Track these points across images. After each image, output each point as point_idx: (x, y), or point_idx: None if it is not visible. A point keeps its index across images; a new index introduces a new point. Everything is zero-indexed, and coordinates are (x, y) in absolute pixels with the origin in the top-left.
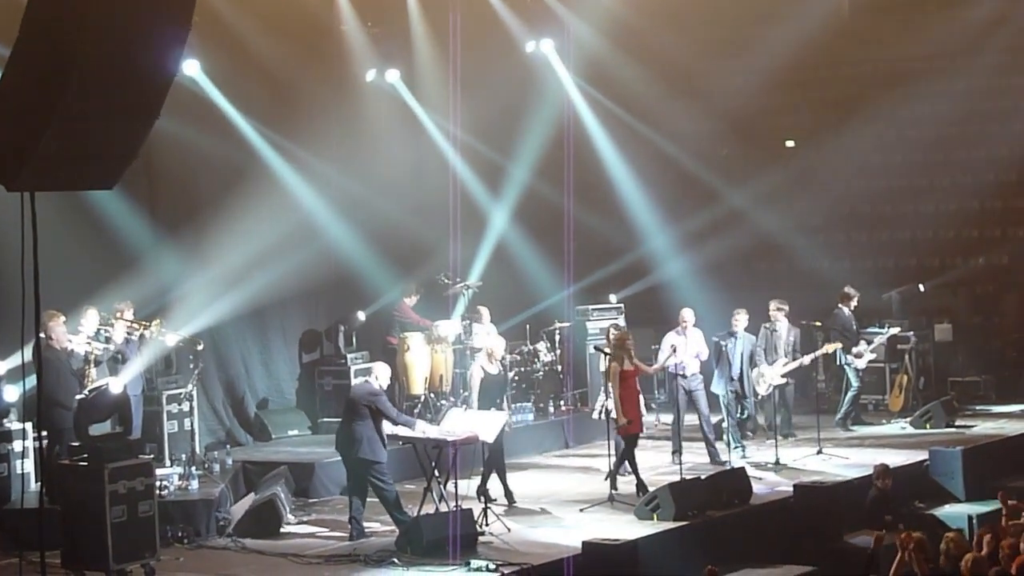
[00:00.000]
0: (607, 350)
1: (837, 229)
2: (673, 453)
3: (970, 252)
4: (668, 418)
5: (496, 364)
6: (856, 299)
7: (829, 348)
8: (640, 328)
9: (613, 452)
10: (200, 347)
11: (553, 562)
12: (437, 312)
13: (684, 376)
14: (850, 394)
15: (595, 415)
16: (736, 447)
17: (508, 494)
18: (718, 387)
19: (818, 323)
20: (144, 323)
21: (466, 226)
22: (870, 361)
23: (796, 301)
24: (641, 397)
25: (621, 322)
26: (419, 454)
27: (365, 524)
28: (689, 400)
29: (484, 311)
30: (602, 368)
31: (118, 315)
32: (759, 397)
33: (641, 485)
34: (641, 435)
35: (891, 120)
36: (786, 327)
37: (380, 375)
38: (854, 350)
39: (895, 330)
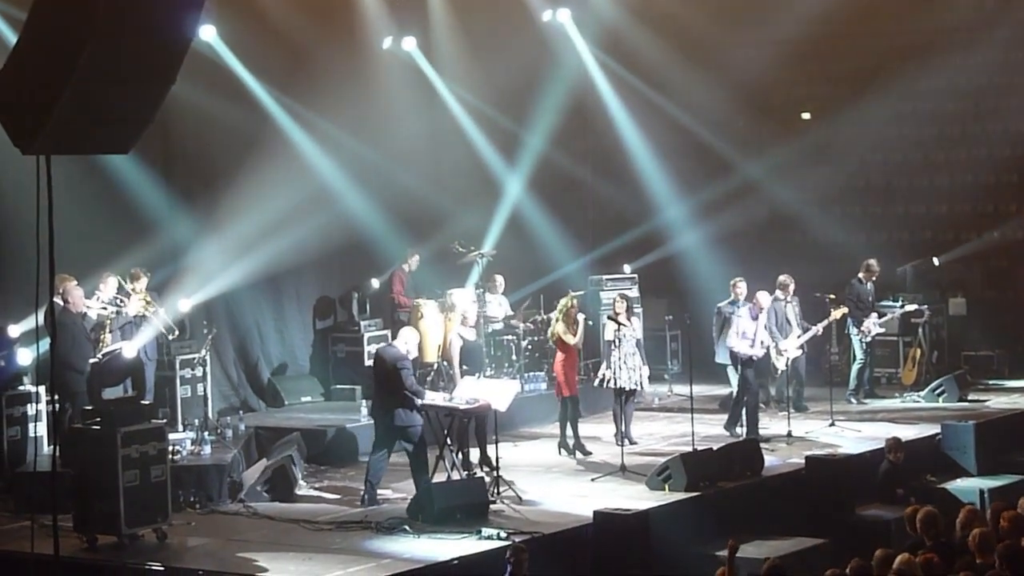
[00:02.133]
0: (614, 317)
1: (852, 202)
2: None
3: (985, 226)
4: (681, 388)
5: (473, 330)
6: (877, 274)
7: (837, 313)
8: (654, 299)
9: (622, 423)
10: (174, 335)
11: (565, 531)
12: (451, 280)
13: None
14: (855, 367)
15: (597, 383)
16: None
17: (486, 462)
18: (722, 356)
19: (832, 295)
20: (149, 302)
21: (481, 194)
22: (879, 335)
23: (810, 273)
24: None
25: (635, 292)
26: (431, 422)
27: (378, 491)
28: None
29: (499, 279)
30: (608, 337)
31: (132, 282)
32: (778, 372)
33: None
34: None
35: (907, 93)
36: (796, 300)
37: (408, 340)
38: (864, 324)
39: (912, 307)
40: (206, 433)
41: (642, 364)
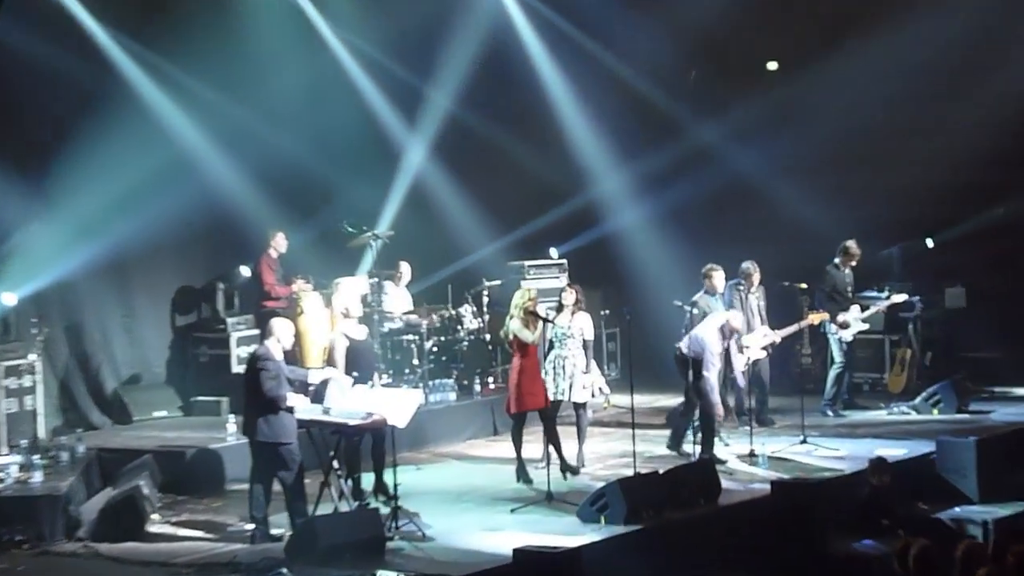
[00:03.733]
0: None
1: (827, 171)
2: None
3: (987, 201)
4: (620, 399)
5: (362, 328)
6: (857, 259)
7: (815, 318)
8: (587, 290)
9: (576, 437)
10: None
11: (478, 574)
12: (339, 267)
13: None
14: (834, 372)
15: (582, 397)
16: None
17: (382, 489)
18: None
19: (803, 284)
20: None
21: (376, 163)
22: (860, 332)
23: (776, 258)
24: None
25: (563, 281)
26: (314, 441)
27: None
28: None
29: (404, 267)
30: (551, 335)
31: None
32: (735, 374)
33: (566, 466)
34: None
35: (892, 42)
36: (760, 290)
37: (277, 332)
38: (840, 317)
39: (900, 297)
40: (36, 457)
41: (587, 370)
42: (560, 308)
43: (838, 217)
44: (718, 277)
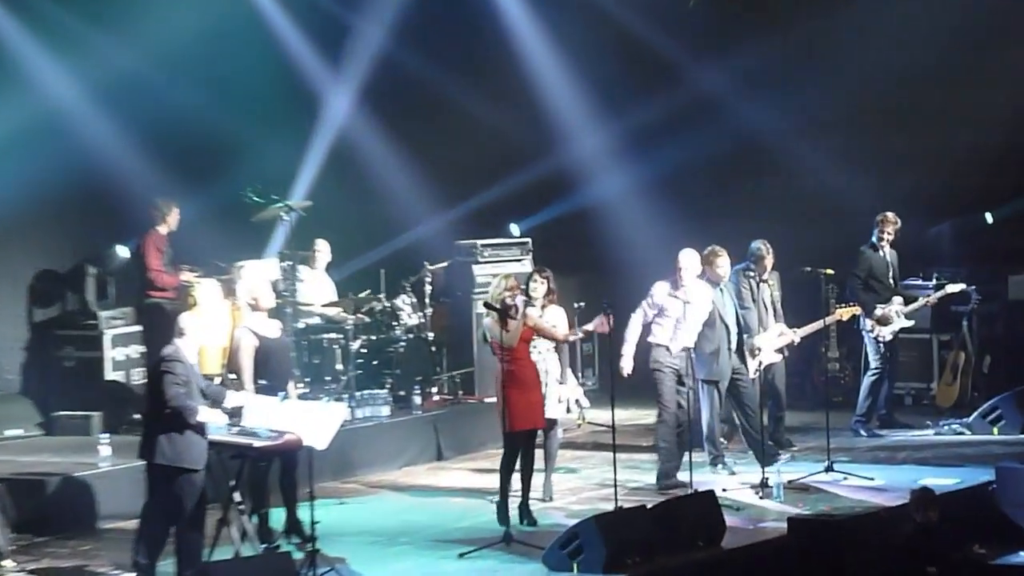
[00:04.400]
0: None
1: (858, 129)
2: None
3: None
4: (598, 414)
5: (275, 323)
6: (896, 232)
7: (845, 313)
8: (557, 277)
9: (543, 464)
10: None
11: None
12: (242, 247)
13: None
14: (868, 379)
15: (555, 412)
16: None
17: (296, 529)
18: (708, 367)
19: (829, 270)
20: None
21: (290, 117)
22: (903, 330)
23: (795, 237)
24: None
25: (527, 265)
26: (211, 467)
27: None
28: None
29: (324, 247)
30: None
31: None
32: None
33: (526, 511)
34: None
35: None
36: (775, 277)
37: (184, 328)
38: (877, 311)
39: (953, 287)
40: None
41: (562, 379)
42: (527, 301)
43: (874, 186)
44: (722, 263)
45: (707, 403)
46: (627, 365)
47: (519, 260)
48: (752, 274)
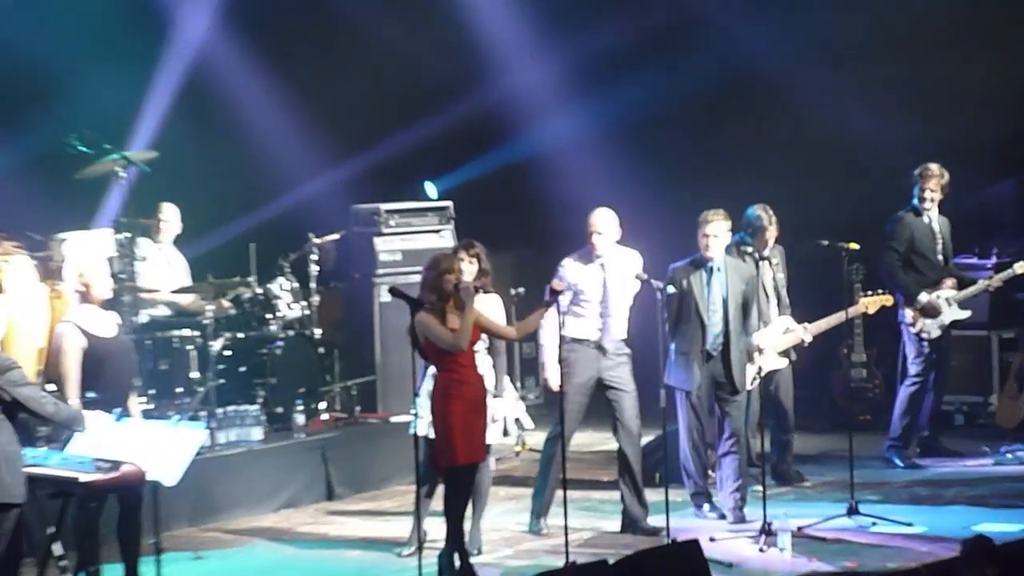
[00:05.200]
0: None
1: (891, 53)
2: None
3: None
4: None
5: (111, 316)
6: (944, 191)
7: (873, 303)
8: (492, 253)
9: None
10: None
11: None
12: (64, 214)
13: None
14: (906, 390)
15: (487, 435)
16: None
17: None
18: (676, 373)
19: (852, 244)
20: None
21: (128, 43)
22: (954, 324)
23: (807, 200)
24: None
25: (447, 238)
26: (23, 509)
27: None
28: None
29: (172, 214)
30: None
31: None
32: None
33: (447, 564)
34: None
35: None
36: (779, 254)
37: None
38: (921, 297)
39: (1020, 267)
40: None
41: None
42: (480, 286)
43: (913, 131)
44: (721, 232)
45: (683, 420)
46: (554, 376)
47: (437, 231)
48: (749, 250)
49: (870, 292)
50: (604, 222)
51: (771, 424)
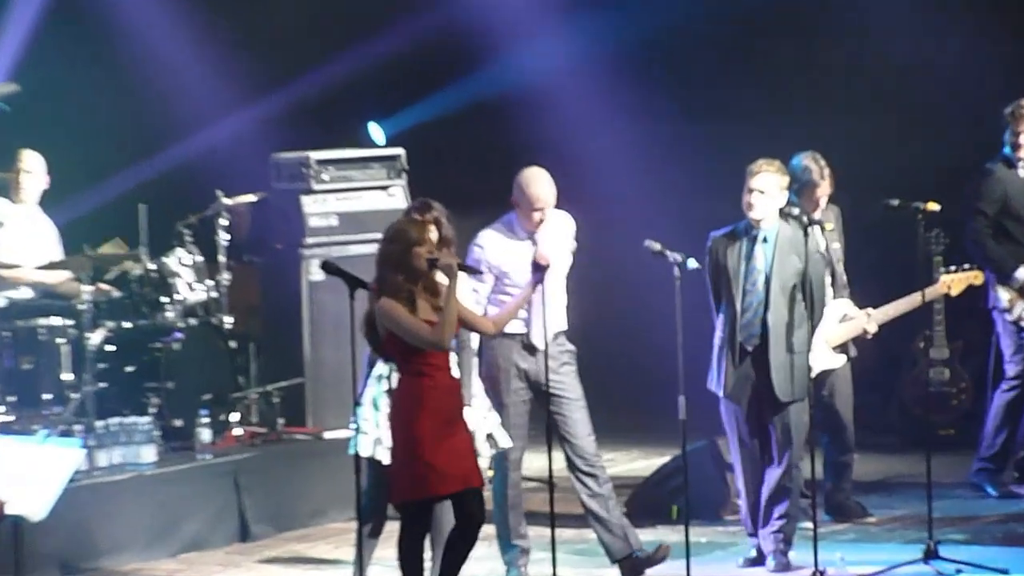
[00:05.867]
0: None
1: None
2: None
3: None
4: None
5: None
6: None
7: (956, 282)
8: (456, 215)
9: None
10: None
11: None
12: None
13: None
14: (1001, 397)
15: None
16: None
17: None
18: (710, 372)
19: (931, 205)
20: None
21: None
22: None
23: (870, 143)
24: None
25: (398, 197)
26: None
27: None
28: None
29: (36, 164)
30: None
31: None
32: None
33: None
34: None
35: None
36: (832, 216)
37: None
38: (1020, 274)
39: None
40: None
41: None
42: (462, 264)
43: (1008, 59)
44: (771, 187)
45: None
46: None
47: (384, 188)
48: (795, 213)
49: (954, 268)
50: (549, 192)
51: (824, 441)
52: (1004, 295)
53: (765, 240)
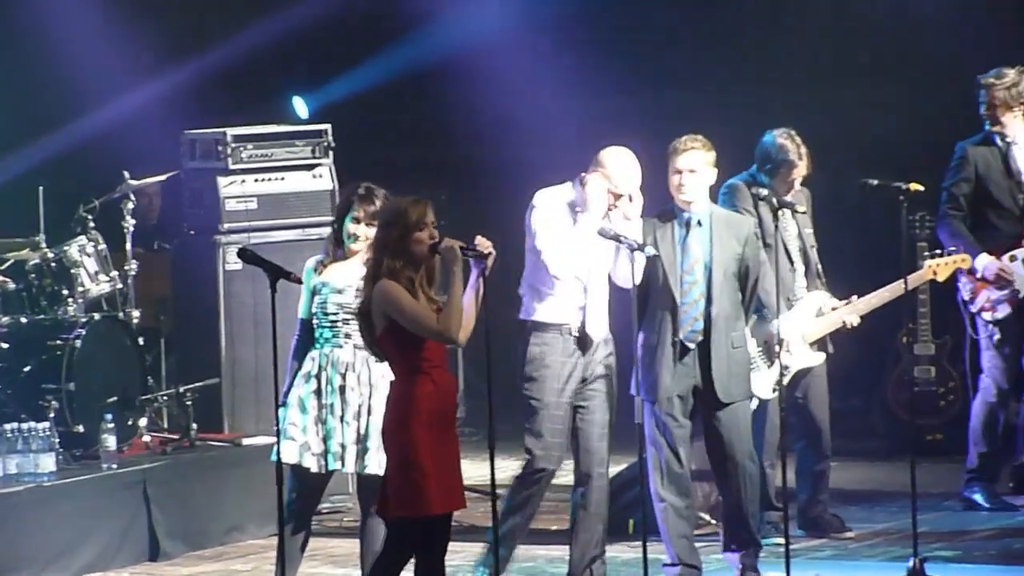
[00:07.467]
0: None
1: None
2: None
3: None
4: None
5: None
6: None
7: (942, 267)
8: (393, 194)
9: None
10: None
11: None
12: None
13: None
14: (982, 400)
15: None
16: None
17: None
18: (641, 375)
19: (914, 185)
20: None
21: None
22: None
23: (850, 113)
24: None
25: (325, 178)
26: None
27: None
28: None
29: None
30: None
31: None
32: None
33: None
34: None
35: None
36: (803, 198)
37: None
38: (980, 262)
39: None
40: None
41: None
42: (333, 254)
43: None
44: (700, 166)
45: (650, 441)
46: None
47: (309, 167)
48: (763, 194)
49: (940, 252)
50: (618, 159)
51: (798, 448)
52: (967, 285)
53: (700, 224)
